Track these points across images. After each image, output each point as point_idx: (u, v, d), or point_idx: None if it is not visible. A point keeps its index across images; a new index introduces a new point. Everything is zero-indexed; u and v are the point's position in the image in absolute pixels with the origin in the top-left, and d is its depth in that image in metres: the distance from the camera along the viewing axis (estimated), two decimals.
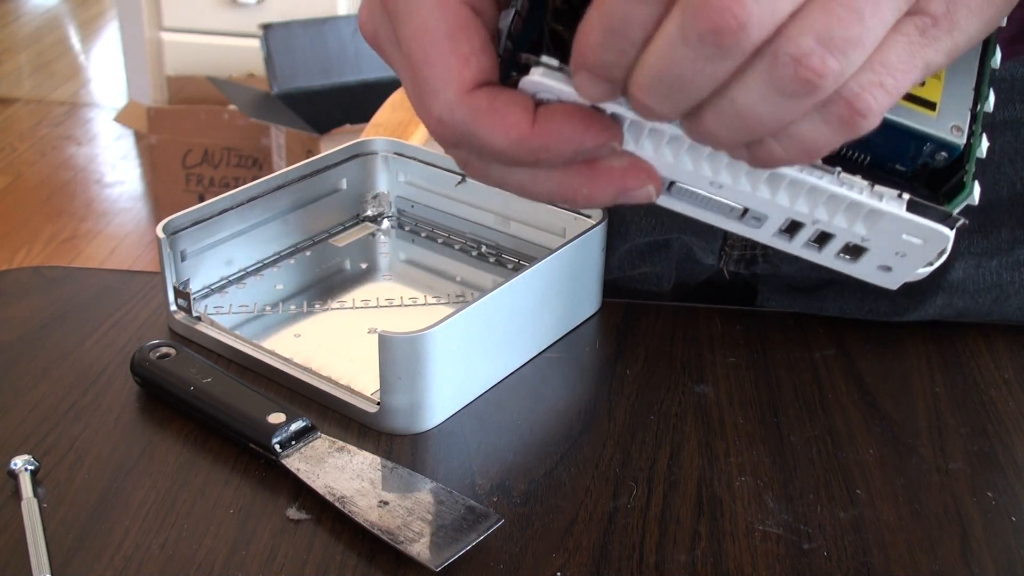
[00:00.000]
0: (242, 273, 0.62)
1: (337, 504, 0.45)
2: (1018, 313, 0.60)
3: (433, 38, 0.34)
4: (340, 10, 2.43)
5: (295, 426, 0.48)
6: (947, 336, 0.59)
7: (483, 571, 0.43)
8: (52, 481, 0.47)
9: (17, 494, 0.46)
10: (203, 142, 2.34)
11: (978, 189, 0.35)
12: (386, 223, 0.68)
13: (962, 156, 0.35)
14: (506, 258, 0.64)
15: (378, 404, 0.51)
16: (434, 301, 0.62)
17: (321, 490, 0.46)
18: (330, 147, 0.82)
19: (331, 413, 0.52)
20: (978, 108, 0.36)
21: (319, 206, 0.65)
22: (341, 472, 0.47)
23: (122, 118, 2.50)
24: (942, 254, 0.36)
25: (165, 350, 0.53)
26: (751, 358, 0.57)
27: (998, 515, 0.47)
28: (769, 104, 0.30)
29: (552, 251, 0.55)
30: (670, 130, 0.34)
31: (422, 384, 0.50)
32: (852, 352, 0.58)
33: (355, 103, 2.09)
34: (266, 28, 2.13)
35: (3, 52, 3.44)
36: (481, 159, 0.36)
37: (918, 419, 0.53)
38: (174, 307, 0.58)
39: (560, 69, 0.34)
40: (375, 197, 0.68)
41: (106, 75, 3.27)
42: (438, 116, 0.35)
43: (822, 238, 0.36)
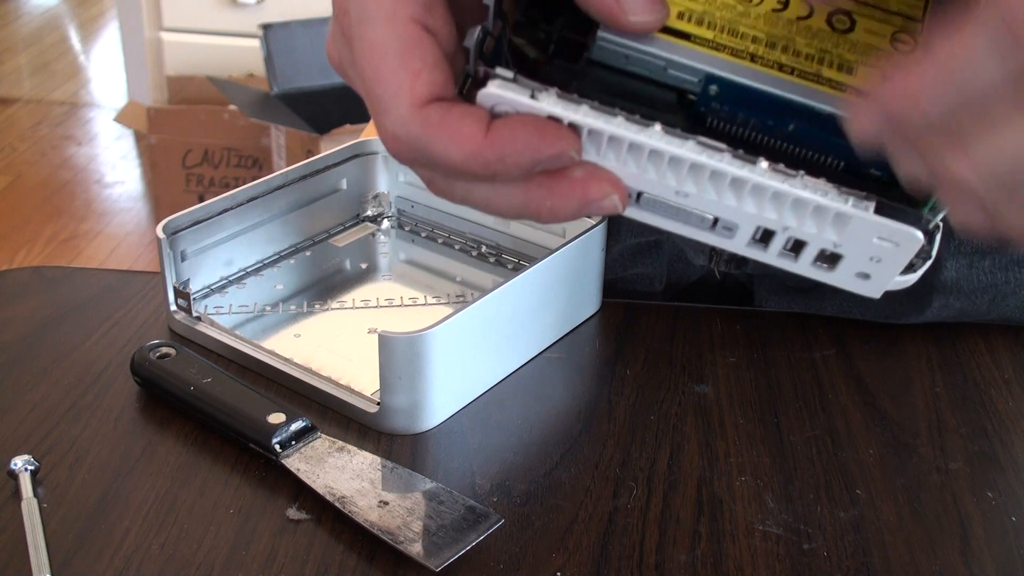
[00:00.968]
0: (242, 273, 0.62)
1: (337, 504, 0.45)
2: (1017, 313, 0.60)
3: (383, 56, 0.34)
4: None
5: (295, 426, 0.48)
6: (947, 336, 0.59)
7: (483, 571, 0.43)
8: (52, 481, 0.47)
9: (17, 494, 0.46)
10: (203, 142, 2.34)
11: None
12: (386, 223, 0.68)
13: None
14: (506, 258, 0.64)
15: (378, 404, 0.51)
16: (434, 301, 0.62)
17: (321, 490, 0.46)
18: (330, 147, 0.82)
19: (331, 413, 0.52)
20: None
21: (319, 206, 0.65)
22: (341, 472, 0.47)
23: (122, 118, 2.50)
24: (926, 260, 0.35)
25: (165, 350, 0.53)
26: (751, 358, 0.57)
27: (998, 515, 0.47)
28: None
29: (552, 251, 0.55)
30: (630, 137, 0.33)
31: (422, 384, 0.50)
32: (852, 352, 0.58)
33: (355, 103, 2.08)
34: (266, 28, 2.13)
35: (3, 52, 3.44)
36: (442, 176, 0.36)
37: (918, 419, 0.53)
38: (174, 307, 0.58)
39: (516, 80, 0.33)
40: (375, 197, 0.68)
41: (106, 75, 3.27)
42: (392, 132, 0.34)
43: (797, 246, 0.35)
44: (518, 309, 0.54)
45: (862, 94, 0.31)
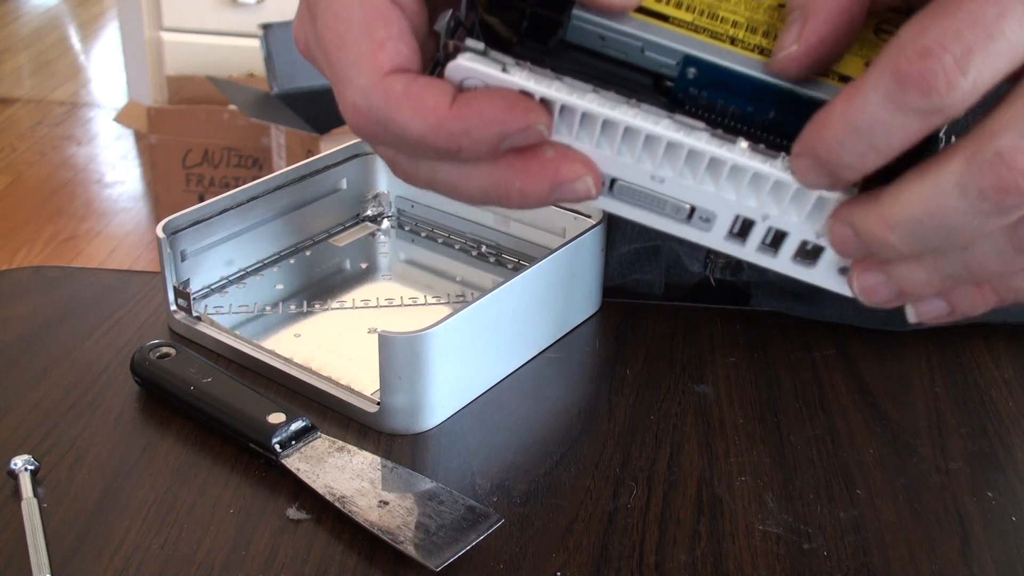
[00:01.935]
0: (242, 273, 0.62)
1: (337, 504, 0.45)
2: (1017, 313, 0.60)
3: (348, 25, 0.33)
4: None
5: (295, 426, 0.48)
6: (947, 336, 0.59)
7: (483, 571, 0.43)
8: (52, 481, 0.47)
9: (17, 494, 0.46)
10: (203, 142, 2.34)
11: None
12: (386, 223, 0.68)
13: (922, 144, 0.32)
14: (506, 258, 0.64)
15: (378, 404, 0.51)
16: (434, 301, 0.62)
17: (321, 490, 0.46)
18: (330, 147, 0.82)
19: (331, 413, 0.52)
20: None
21: (319, 206, 0.65)
22: (341, 472, 0.47)
23: (122, 118, 2.50)
24: None
25: (165, 350, 0.53)
26: (751, 358, 0.57)
27: (998, 515, 0.47)
28: (1005, 261, 0.30)
29: (552, 251, 0.55)
30: (604, 113, 0.32)
31: (422, 384, 0.50)
32: (852, 352, 0.58)
33: None
34: (266, 28, 2.13)
35: (3, 52, 3.44)
36: (405, 153, 0.34)
37: (918, 419, 0.53)
38: (174, 307, 0.58)
39: (486, 53, 0.32)
40: (375, 197, 0.68)
41: (106, 75, 3.27)
42: (352, 103, 0.33)
43: (776, 240, 0.34)
44: (518, 309, 0.54)
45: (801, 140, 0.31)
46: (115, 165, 2.71)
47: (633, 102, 0.32)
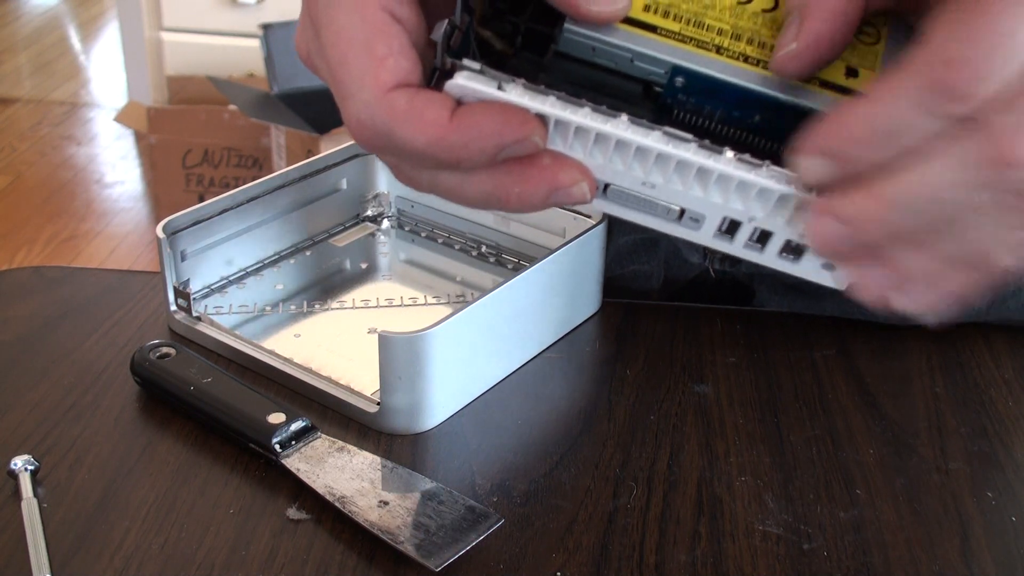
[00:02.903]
0: (242, 273, 0.62)
1: (337, 504, 0.45)
2: (1017, 314, 0.60)
3: (349, 42, 0.34)
4: None
5: (295, 426, 0.48)
6: (947, 336, 0.59)
7: (483, 571, 0.43)
8: (52, 481, 0.47)
9: (17, 494, 0.46)
10: (203, 142, 2.34)
11: None
12: (386, 223, 0.68)
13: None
14: (506, 258, 0.64)
15: (378, 404, 0.51)
16: (434, 301, 0.62)
17: (321, 490, 0.46)
18: (330, 147, 0.82)
19: (331, 413, 0.52)
20: None
21: (319, 206, 0.65)
22: (341, 472, 0.47)
23: (122, 118, 2.50)
24: None
25: (165, 350, 0.53)
26: (751, 358, 0.57)
27: (998, 515, 0.47)
28: (996, 234, 0.31)
29: (552, 251, 0.55)
30: (596, 127, 0.33)
31: (422, 384, 0.50)
32: (852, 352, 0.58)
33: None
34: (266, 28, 2.13)
35: (3, 52, 3.44)
36: (408, 164, 0.36)
37: (918, 419, 0.53)
38: (174, 307, 0.58)
39: (483, 72, 0.33)
40: (375, 197, 0.68)
41: (106, 75, 3.27)
42: (356, 117, 0.34)
43: (763, 237, 0.35)
44: (518, 309, 0.54)
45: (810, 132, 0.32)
46: (115, 165, 2.71)
47: (624, 115, 0.34)
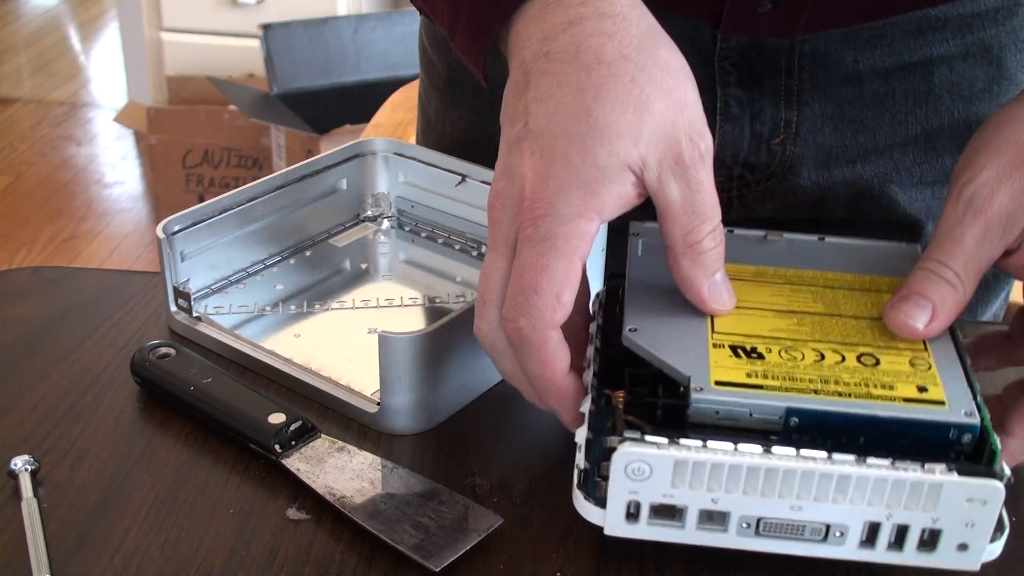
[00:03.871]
0: (242, 273, 0.62)
1: (337, 504, 0.45)
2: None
3: (551, 273, 0.41)
4: (340, 10, 2.43)
5: (295, 426, 0.48)
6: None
7: (483, 571, 0.43)
8: (52, 481, 0.47)
9: (17, 494, 0.46)
10: (203, 142, 2.34)
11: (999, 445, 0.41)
12: (386, 223, 0.68)
13: (983, 432, 0.41)
14: None
15: (378, 404, 0.51)
16: (434, 301, 0.62)
17: (321, 490, 0.46)
18: (330, 147, 0.82)
19: (331, 413, 0.52)
20: (978, 398, 0.42)
21: (319, 206, 0.65)
22: (341, 472, 0.47)
23: (122, 118, 2.50)
24: (1003, 532, 0.41)
25: (165, 350, 0.53)
26: None
27: None
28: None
29: None
30: (751, 462, 0.40)
31: (422, 384, 0.50)
32: None
33: (355, 103, 2.09)
34: (266, 28, 2.14)
35: (3, 52, 3.44)
36: (508, 360, 0.45)
37: None
38: (174, 307, 0.58)
39: (642, 439, 0.40)
40: (375, 197, 0.68)
41: (106, 75, 3.27)
42: (515, 325, 0.42)
43: (900, 536, 0.40)
44: None
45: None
46: (115, 165, 2.71)
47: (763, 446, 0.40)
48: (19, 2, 3.88)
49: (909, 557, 0.41)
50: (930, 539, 0.41)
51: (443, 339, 0.50)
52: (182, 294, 0.57)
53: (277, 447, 0.48)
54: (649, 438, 0.40)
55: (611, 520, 0.42)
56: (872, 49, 0.59)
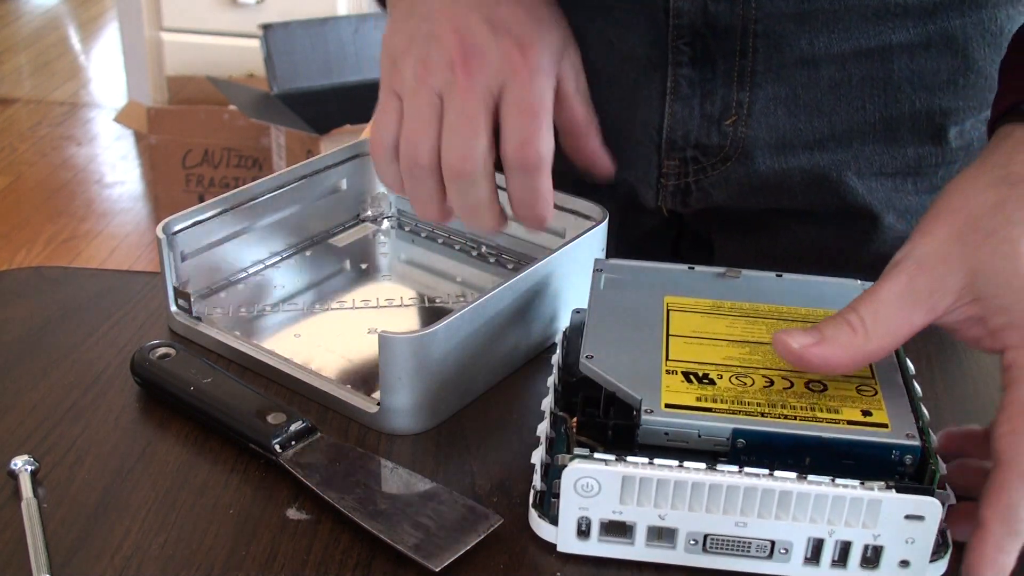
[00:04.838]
0: (242, 273, 0.62)
1: (337, 504, 0.45)
2: None
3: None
4: (340, 10, 2.43)
5: (295, 426, 0.48)
6: (947, 336, 0.59)
7: (483, 571, 0.43)
8: (52, 481, 0.47)
9: (17, 494, 0.46)
10: (203, 142, 2.34)
11: (943, 468, 0.42)
12: (386, 223, 0.68)
13: (924, 453, 0.42)
14: (506, 258, 0.64)
15: (378, 404, 0.51)
16: (434, 301, 0.62)
17: (321, 490, 0.46)
18: (330, 147, 0.82)
19: (331, 413, 0.52)
20: (921, 422, 0.44)
21: (319, 206, 0.65)
22: (341, 472, 0.47)
23: (122, 118, 2.50)
24: (946, 550, 0.42)
25: (165, 350, 0.53)
26: None
27: None
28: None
29: (552, 251, 0.55)
30: (696, 478, 0.41)
31: (422, 384, 0.50)
32: None
33: (355, 103, 2.09)
34: (266, 28, 2.13)
35: (3, 52, 3.44)
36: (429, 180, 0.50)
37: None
38: (174, 307, 0.58)
39: (591, 456, 0.42)
40: (375, 197, 0.68)
41: (106, 75, 3.27)
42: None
43: (843, 553, 0.42)
44: (518, 309, 0.54)
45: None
46: (115, 165, 2.71)
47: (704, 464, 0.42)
48: (19, 2, 3.88)
49: (853, 573, 0.42)
50: (873, 556, 0.42)
51: (443, 339, 0.50)
52: (182, 294, 0.57)
53: (277, 447, 0.48)
54: (598, 455, 0.42)
55: (563, 537, 0.43)
56: (828, 33, 0.58)
